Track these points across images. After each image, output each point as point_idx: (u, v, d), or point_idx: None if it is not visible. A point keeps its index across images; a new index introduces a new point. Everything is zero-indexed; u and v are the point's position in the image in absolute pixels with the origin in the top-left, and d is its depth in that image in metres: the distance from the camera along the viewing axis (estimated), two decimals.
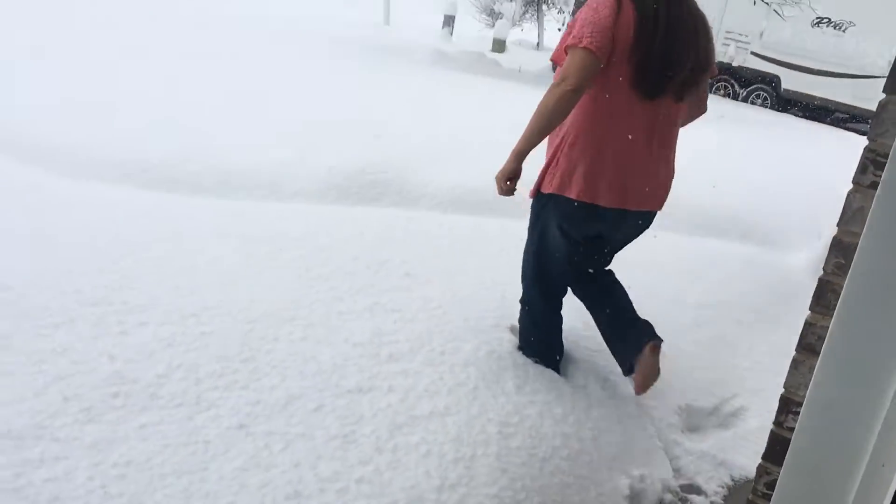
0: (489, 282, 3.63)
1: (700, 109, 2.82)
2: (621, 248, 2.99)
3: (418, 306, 3.25)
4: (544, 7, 16.89)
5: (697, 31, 2.53)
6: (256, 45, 8.85)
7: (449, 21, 15.47)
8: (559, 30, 15.15)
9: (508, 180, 2.59)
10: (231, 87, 6.18)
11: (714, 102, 12.50)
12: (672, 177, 2.75)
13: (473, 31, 16.76)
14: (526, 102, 8.30)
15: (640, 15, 2.42)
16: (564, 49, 2.45)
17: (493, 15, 17.08)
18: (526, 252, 2.95)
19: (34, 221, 3.41)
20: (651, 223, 2.81)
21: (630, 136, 2.52)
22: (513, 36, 16.30)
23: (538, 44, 16.78)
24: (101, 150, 4.33)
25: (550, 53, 3.00)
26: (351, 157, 4.85)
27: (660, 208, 2.76)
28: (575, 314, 3.19)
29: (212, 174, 4.26)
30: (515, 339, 3.15)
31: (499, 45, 14.78)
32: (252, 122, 5.26)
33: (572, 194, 2.58)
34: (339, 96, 6.69)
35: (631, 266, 4.10)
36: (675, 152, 2.72)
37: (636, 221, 2.75)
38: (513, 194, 2.63)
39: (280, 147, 4.78)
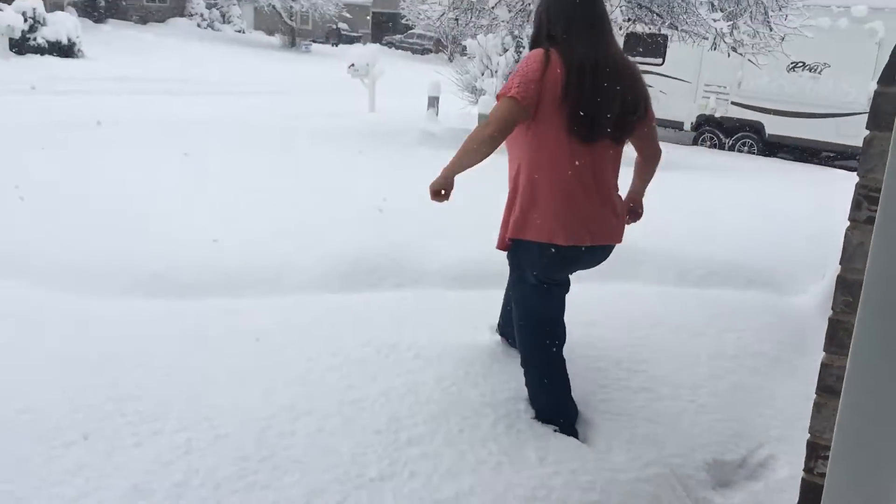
0: (501, 354, 3.61)
1: (655, 154, 3.09)
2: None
3: (432, 386, 3.23)
4: None
5: (622, 77, 2.76)
6: (240, 142, 9.00)
7: (433, 102, 15.76)
8: None
9: (440, 192, 2.94)
10: (222, 184, 6.27)
11: (700, 154, 12.66)
12: (624, 212, 3.00)
13: (458, 108, 17.06)
14: None
15: (567, 67, 2.67)
16: (500, 93, 2.74)
17: (476, 91, 17.42)
18: (515, 306, 3.11)
19: (48, 341, 3.42)
20: (608, 256, 3.01)
21: (575, 179, 2.75)
22: None
23: None
24: (105, 263, 4.36)
25: None
26: (350, 244, 4.88)
27: (619, 241, 2.98)
28: (588, 375, 3.16)
29: (216, 274, 4.29)
30: (533, 410, 3.12)
31: (484, 121, 15.06)
32: (248, 217, 5.31)
33: (532, 237, 2.83)
34: (332, 183, 6.78)
35: (638, 325, 4.11)
36: (618, 189, 2.95)
37: (598, 256, 2.96)
38: (445, 200, 2.97)
39: (278, 240, 4.82)
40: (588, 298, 4.50)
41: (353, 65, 16.70)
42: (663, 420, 3.26)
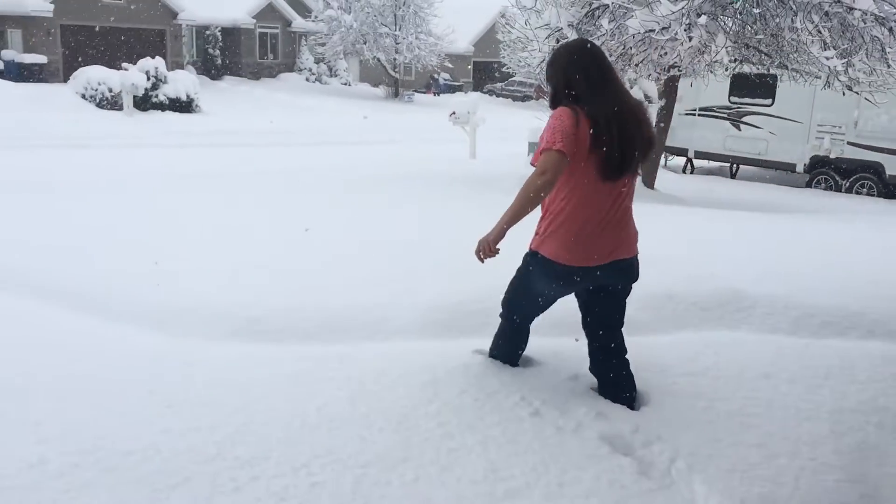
0: (604, 405, 3.48)
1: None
2: (618, 300, 3.56)
3: (531, 436, 3.13)
4: None
5: (640, 121, 3.26)
6: (344, 189, 9.18)
7: (533, 147, 15.79)
8: None
9: (490, 252, 3.26)
10: (324, 231, 6.37)
11: (815, 196, 12.09)
12: (636, 231, 3.49)
13: None
14: None
15: (593, 120, 3.12)
16: (540, 151, 3.13)
17: None
18: (509, 297, 3.69)
19: (153, 384, 3.51)
20: (634, 270, 3.47)
21: (598, 210, 3.26)
22: None
23: None
24: (208, 308, 4.47)
25: None
26: (449, 290, 4.84)
27: (631, 255, 3.43)
28: (697, 428, 2.98)
29: (313, 320, 4.33)
30: (637, 464, 2.97)
31: None
32: (347, 262, 5.36)
33: (550, 257, 3.34)
34: (431, 229, 6.78)
35: (748, 376, 3.89)
36: (632, 210, 3.45)
37: (614, 270, 3.38)
38: (496, 255, 3.28)
39: (377, 285, 4.83)
40: (692, 347, 4.32)
41: (454, 113, 16.95)
42: (781, 479, 3.05)
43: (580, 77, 3.21)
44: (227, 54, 37.49)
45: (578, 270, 3.33)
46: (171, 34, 33.20)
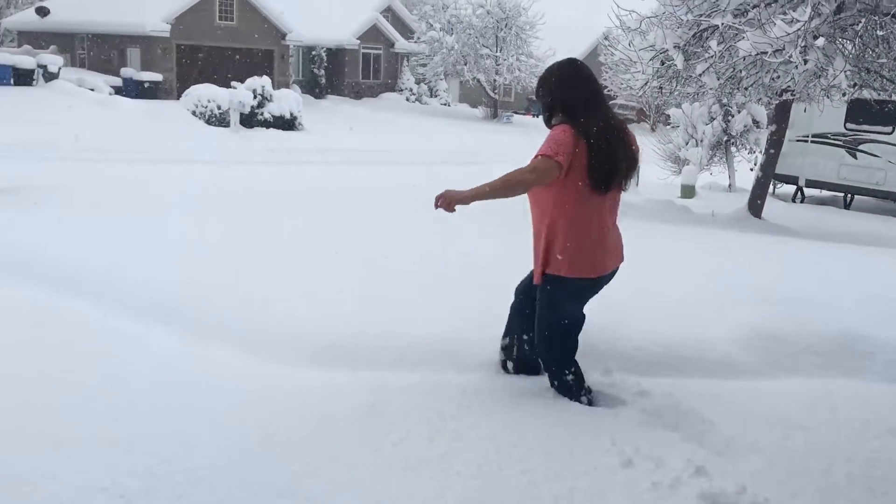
0: (702, 456, 3.18)
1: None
2: None
3: (621, 493, 2.87)
4: (733, 149, 16.39)
5: (624, 137, 3.49)
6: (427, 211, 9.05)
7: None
8: (751, 170, 14.53)
9: (454, 206, 3.28)
10: (408, 253, 6.23)
11: None
12: (621, 238, 3.71)
13: (659, 179, 16.50)
14: (722, 247, 7.75)
15: (587, 142, 3.33)
16: (540, 152, 3.30)
17: (679, 161, 16.78)
18: (547, 334, 3.64)
19: (230, 409, 3.43)
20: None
21: (596, 222, 3.47)
22: (702, 180, 15.84)
23: (730, 185, 16.17)
24: (285, 331, 4.38)
25: (743, 195, 3.51)
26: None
27: (622, 261, 3.70)
28: (814, 496, 2.66)
29: (394, 349, 4.17)
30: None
31: (687, 191, 14.38)
32: (431, 289, 5.17)
33: (572, 274, 3.46)
34: (522, 255, 6.54)
35: (870, 432, 3.50)
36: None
37: (609, 279, 3.62)
38: (451, 212, 3.32)
39: (460, 314, 4.60)
40: (805, 395, 3.96)
41: None
42: None
43: (572, 95, 3.44)
44: (331, 74, 38.36)
45: (600, 280, 3.57)
46: (278, 54, 34.20)
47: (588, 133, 3.33)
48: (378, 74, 40.31)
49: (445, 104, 39.70)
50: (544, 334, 3.66)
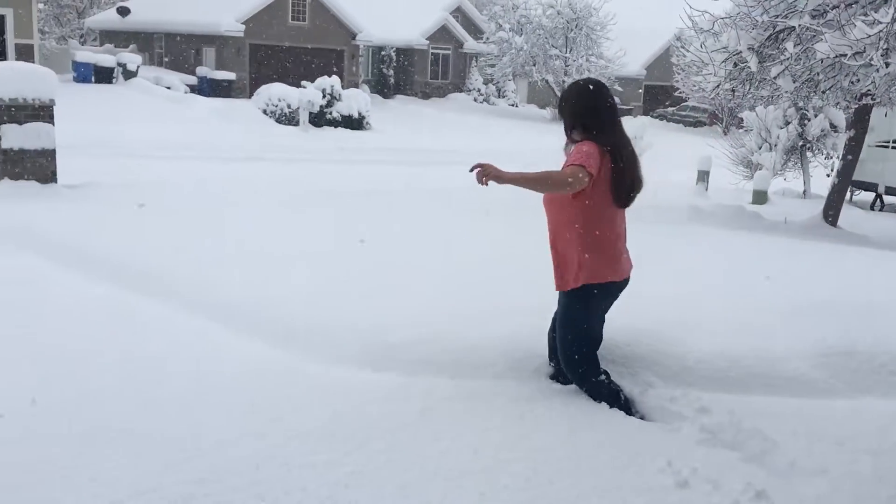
0: (763, 479, 3.02)
1: None
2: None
3: None
4: (809, 154, 15.84)
5: (636, 163, 3.71)
6: (489, 211, 8.97)
7: (703, 176, 14.97)
8: (827, 176, 14.02)
9: (494, 179, 3.36)
10: (466, 254, 6.16)
11: None
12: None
13: (730, 184, 16.07)
14: (794, 257, 7.47)
15: (610, 158, 3.54)
16: (574, 161, 3.45)
17: (752, 166, 16.30)
18: (570, 339, 3.71)
19: (278, 410, 3.42)
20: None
21: (618, 232, 3.73)
22: (775, 186, 15.35)
23: (805, 192, 15.63)
24: (338, 330, 4.36)
25: (818, 202, 3.27)
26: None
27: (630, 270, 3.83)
28: None
29: (448, 352, 4.10)
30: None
31: (760, 197, 13.96)
32: (488, 291, 5.08)
33: (596, 280, 3.61)
34: None
35: None
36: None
37: (624, 286, 3.78)
38: (482, 183, 3.40)
39: (517, 317, 4.48)
40: (879, 417, 3.75)
41: None
42: None
43: (591, 114, 3.63)
44: (400, 74, 38.59)
45: (620, 285, 3.73)
46: (348, 54, 34.57)
47: (610, 149, 3.56)
48: (446, 75, 40.38)
49: (513, 105, 39.52)
50: (567, 339, 3.73)
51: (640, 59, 42.49)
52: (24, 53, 23.80)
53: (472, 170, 3.43)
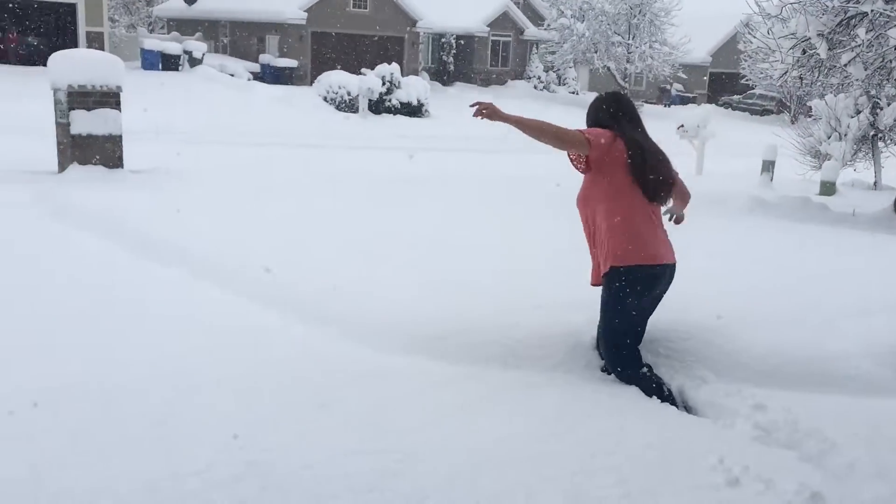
0: (819, 480, 2.94)
1: (686, 194, 4.12)
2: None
3: None
4: (881, 144, 15.28)
5: (664, 159, 3.81)
6: (546, 202, 8.88)
7: (768, 166, 14.58)
8: None
9: (487, 117, 3.51)
10: (526, 246, 6.12)
11: None
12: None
13: (796, 174, 15.62)
14: (861, 250, 7.23)
15: (628, 145, 3.67)
16: (582, 132, 3.63)
17: (820, 157, 15.82)
18: (606, 328, 3.79)
19: (329, 395, 3.46)
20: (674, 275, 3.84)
21: (652, 222, 3.76)
22: (844, 177, 14.86)
23: (875, 183, 15.10)
24: (394, 318, 4.38)
25: (890, 193, 3.17)
26: (652, 323, 4.40)
27: (674, 261, 3.82)
28: None
29: (502, 344, 4.08)
30: None
31: (827, 188, 13.54)
32: (547, 282, 5.05)
33: (622, 263, 3.65)
34: None
35: None
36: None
37: (671, 273, 3.81)
38: (478, 117, 3.55)
39: (574, 310, 4.47)
40: None
41: (682, 126, 16.10)
42: None
43: (610, 114, 3.79)
44: (459, 61, 38.50)
45: (655, 271, 3.71)
46: (408, 41, 34.64)
47: (626, 139, 3.67)
48: (506, 62, 40.14)
49: (573, 92, 39.07)
50: (605, 329, 3.82)
51: (706, 45, 41.58)
52: (95, 41, 24.50)
53: (472, 105, 3.55)
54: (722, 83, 43.54)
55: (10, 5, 24.88)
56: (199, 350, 3.95)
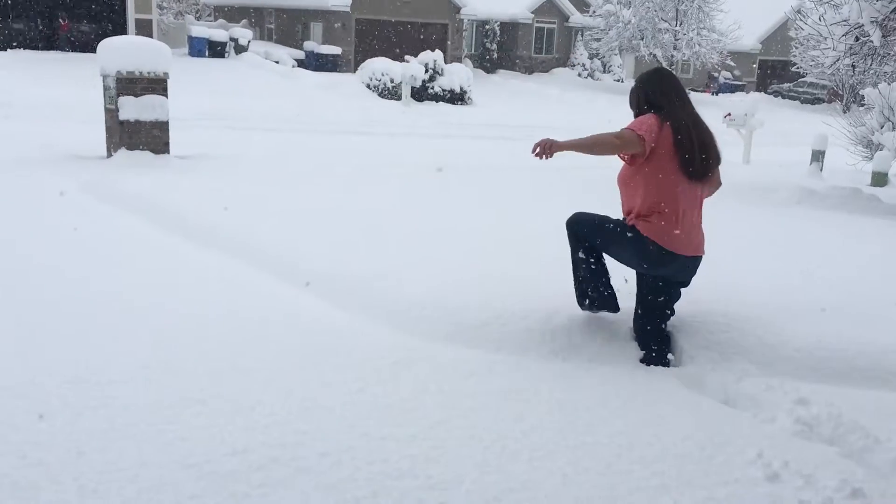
0: (861, 476, 2.88)
1: (718, 182, 4.07)
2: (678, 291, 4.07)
3: None
4: None
5: (710, 135, 3.88)
6: (584, 189, 8.81)
7: (818, 156, 14.25)
8: None
9: (546, 153, 3.64)
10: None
11: None
12: (703, 235, 4.02)
13: (847, 164, 15.25)
14: None
15: (675, 128, 3.75)
16: (628, 126, 3.74)
17: (872, 146, 15.41)
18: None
19: (365, 381, 3.48)
20: (696, 269, 3.99)
21: (685, 207, 3.82)
22: None
23: None
24: (433, 305, 4.39)
25: None
26: (691, 314, 4.35)
27: (703, 253, 3.98)
28: None
29: (536, 332, 4.06)
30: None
31: (879, 179, 13.19)
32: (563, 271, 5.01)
33: (646, 233, 3.78)
34: None
35: None
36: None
37: (693, 264, 3.93)
38: (540, 157, 3.66)
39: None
40: None
41: (729, 114, 15.82)
42: None
43: (659, 93, 3.86)
44: (503, 48, 38.30)
45: (673, 259, 3.81)
46: (452, 28, 34.54)
47: (678, 126, 3.74)
48: (550, 49, 39.81)
49: (618, 80, 38.62)
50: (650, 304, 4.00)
51: (756, 32, 40.73)
52: (143, 28, 24.89)
53: (533, 151, 3.64)
54: (772, 71, 42.66)
55: None
56: (240, 332, 4.00)
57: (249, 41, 28.13)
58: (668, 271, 3.88)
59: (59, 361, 3.50)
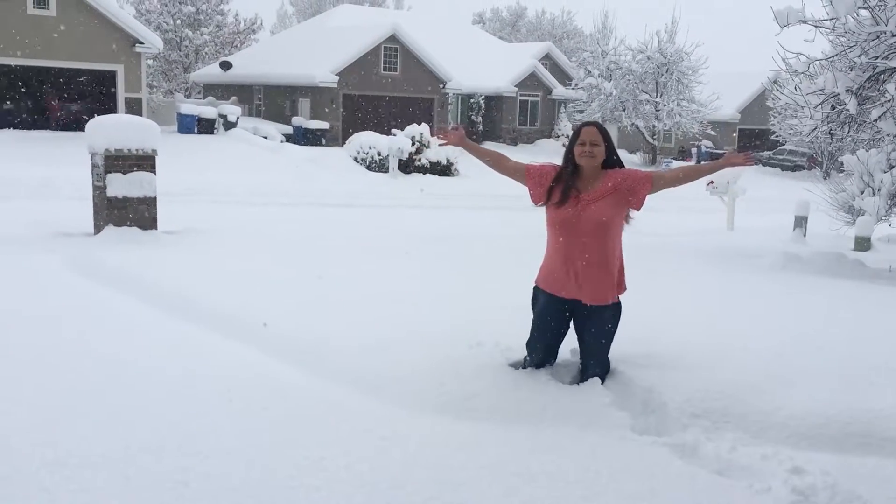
0: None
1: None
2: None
3: None
4: None
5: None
6: None
7: (800, 222, 14.43)
8: None
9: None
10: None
11: None
12: None
13: (830, 229, 15.43)
14: None
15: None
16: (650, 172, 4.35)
17: (853, 212, 15.62)
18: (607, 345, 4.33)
19: (352, 457, 3.41)
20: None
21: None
22: (878, 232, 14.64)
23: None
24: (420, 377, 4.35)
25: None
26: (683, 382, 4.32)
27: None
28: None
29: (528, 401, 4.02)
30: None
31: (862, 243, 13.34)
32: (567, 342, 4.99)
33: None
34: (671, 307, 6.23)
35: None
36: None
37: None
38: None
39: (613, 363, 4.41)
40: None
41: (711, 182, 16.04)
42: None
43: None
44: (488, 120, 39.00)
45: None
46: (438, 102, 35.19)
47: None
48: (535, 121, 40.56)
49: None
50: (608, 347, 4.34)
51: (734, 102, 41.70)
52: (133, 106, 25.22)
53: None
54: (752, 139, 43.50)
55: (52, 73, 25.74)
56: (220, 406, 3.93)
57: (238, 117, 28.50)
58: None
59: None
